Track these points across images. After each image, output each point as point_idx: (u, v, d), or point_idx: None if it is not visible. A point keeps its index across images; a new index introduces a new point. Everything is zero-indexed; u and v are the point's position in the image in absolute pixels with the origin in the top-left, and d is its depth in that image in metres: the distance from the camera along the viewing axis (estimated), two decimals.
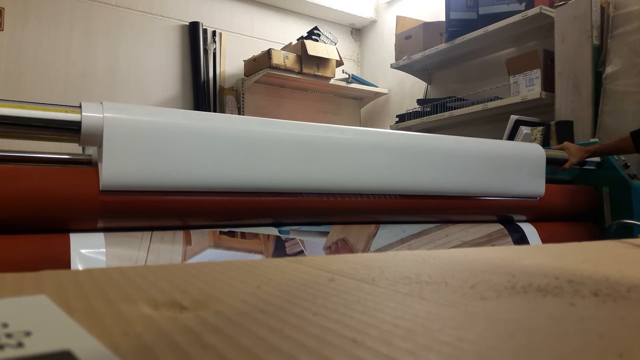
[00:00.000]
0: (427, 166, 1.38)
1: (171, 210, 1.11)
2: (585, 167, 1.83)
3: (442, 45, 2.86)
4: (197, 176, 1.08)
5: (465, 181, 1.44)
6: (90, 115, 0.99)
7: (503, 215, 1.63)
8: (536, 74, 2.35)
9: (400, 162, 1.34)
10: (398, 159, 1.33)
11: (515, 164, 1.55)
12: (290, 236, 1.24)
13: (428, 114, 2.97)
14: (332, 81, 3.26)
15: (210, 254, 1.13)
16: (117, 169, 1.00)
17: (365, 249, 1.34)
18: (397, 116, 3.22)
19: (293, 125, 1.24)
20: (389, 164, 1.32)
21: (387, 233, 1.38)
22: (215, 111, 3.14)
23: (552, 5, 2.34)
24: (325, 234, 1.30)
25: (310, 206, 1.27)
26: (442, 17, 2.93)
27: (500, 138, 2.26)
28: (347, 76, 3.40)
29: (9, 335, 0.19)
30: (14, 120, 0.95)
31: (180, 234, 1.12)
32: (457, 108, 2.78)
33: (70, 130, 0.99)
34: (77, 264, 0.97)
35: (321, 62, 3.16)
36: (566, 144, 1.75)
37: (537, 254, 0.50)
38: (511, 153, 1.56)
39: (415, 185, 1.37)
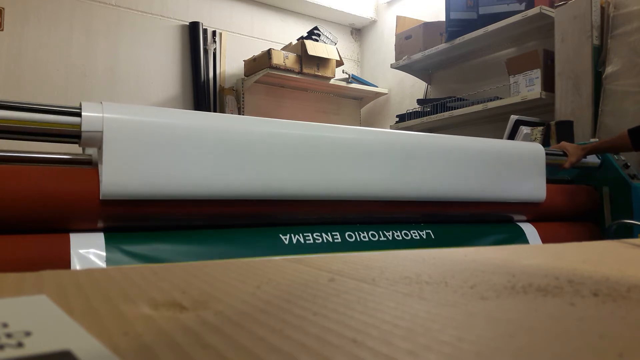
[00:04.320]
0: (428, 166, 1.38)
1: (172, 209, 1.11)
2: (585, 167, 1.83)
3: (442, 45, 2.86)
4: (199, 178, 1.08)
5: (467, 185, 1.44)
6: (90, 115, 0.99)
7: (503, 215, 1.63)
8: (536, 74, 2.35)
9: (400, 163, 1.33)
10: (397, 160, 1.33)
11: (516, 168, 1.55)
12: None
13: (428, 114, 2.97)
14: (332, 81, 3.26)
15: None
16: (117, 172, 1.00)
17: None
18: (397, 116, 3.22)
19: (301, 126, 1.23)
20: (387, 165, 1.31)
21: None
22: (215, 111, 3.14)
23: (552, 5, 2.34)
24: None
25: (321, 211, 1.28)
26: (442, 17, 2.93)
27: (501, 138, 2.26)
28: (347, 76, 3.40)
29: (9, 335, 0.19)
30: (14, 121, 0.95)
31: None
32: (457, 108, 2.78)
33: (70, 130, 0.99)
34: (77, 264, 0.97)
35: (321, 62, 3.16)
36: (563, 144, 1.75)
37: (537, 254, 0.50)
38: (512, 154, 1.55)
39: (416, 187, 1.37)
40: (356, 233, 1.33)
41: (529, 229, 1.63)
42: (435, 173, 1.39)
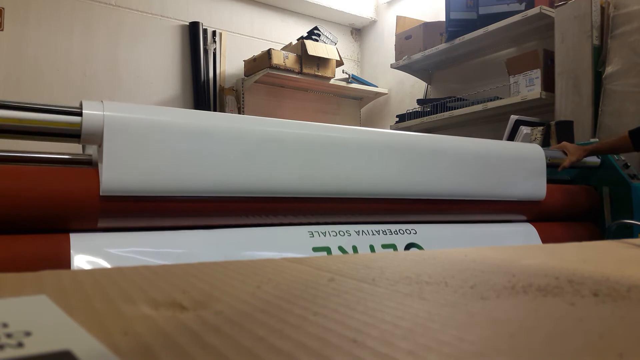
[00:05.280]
0: (429, 166, 1.38)
1: (173, 210, 1.11)
2: (585, 167, 1.83)
3: (442, 45, 2.86)
4: (200, 178, 1.08)
5: (468, 184, 1.44)
6: (90, 113, 0.99)
7: (503, 214, 1.63)
8: (536, 74, 2.35)
9: (400, 164, 1.33)
10: (396, 160, 1.33)
11: (516, 169, 1.55)
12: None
13: (428, 114, 2.97)
14: (332, 81, 3.26)
15: None
16: (117, 170, 1.00)
17: None
18: (397, 116, 3.22)
19: (303, 125, 1.23)
20: (386, 166, 1.32)
21: None
22: (215, 111, 3.14)
23: (552, 5, 2.34)
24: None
25: (324, 208, 1.28)
26: (442, 17, 2.93)
27: (500, 138, 2.27)
28: (347, 76, 3.40)
29: (9, 335, 0.19)
30: (15, 120, 0.95)
31: None
32: (457, 108, 2.78)
33: (70, 129, 0.99)
34: (77, 264, 0.97)
35: (321, 62, 3.16)
36: (564, 143, 1.76)
37: (537, 254, 0.50)
38: (512, 154, 1.55)
39: (417, 187, 1.37)
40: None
41: (529, 229, 1.63)
42: (436, 173, 1.39)
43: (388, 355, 0.18)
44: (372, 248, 1.31)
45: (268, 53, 2.98)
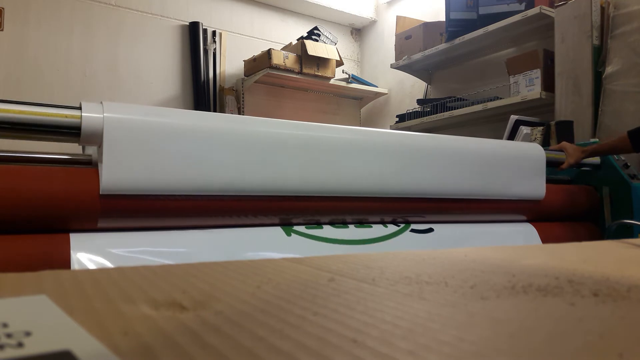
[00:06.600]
0: (429, 166, 1.38)
1: (173, 210, 1.11)
2: (584, 168, 1.83)
3: (442, 45, 2.86)
4: (199, 177, 1.08)
5: (467, 183, 1.44)
6: (90, 115, 0.99)
7: (503, 214, 1.63)
8: (536, 74, 2.35)
9: (400, 163, 1.33)
10: (395, 160, 1.33)
11: (515, 166, 1.55)
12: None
13: (428, 114, 2.97)
14: (332, 81, 3.26)
15: None
16: (117, 170, 1.00)
17: None
18: (397, 116, 3.22)
19: (301, 125, 1.23)
20: (386, 165, 1.32)
21: None
22: (215, 111, 3.13)
23: (552, 5, 2.34)
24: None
25: (319, 208, 1.27)
26: (442, 17, 2.93)
27: (500, 138, 2.26)
28: (347, 76, 3.40)
29: (9, 335, 0.19)
30: (14, 120, 0.95)
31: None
32: (457, 108, 2.78)
33: (70, 129, 0.99)
34: (77, 264, 0.97)
35: (321, 62, 3.16)
36: (564, 144, 1.75)
37: (537, 254, 0.50)
38: (512, 154, 1.55)
39: (418, 186, 1.37)
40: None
41: (529, 229, 1.63)
42: (436, 172, 1.39)
43: (388, 355, 0.18)
44: None
45: (268, 53, 2.98)
